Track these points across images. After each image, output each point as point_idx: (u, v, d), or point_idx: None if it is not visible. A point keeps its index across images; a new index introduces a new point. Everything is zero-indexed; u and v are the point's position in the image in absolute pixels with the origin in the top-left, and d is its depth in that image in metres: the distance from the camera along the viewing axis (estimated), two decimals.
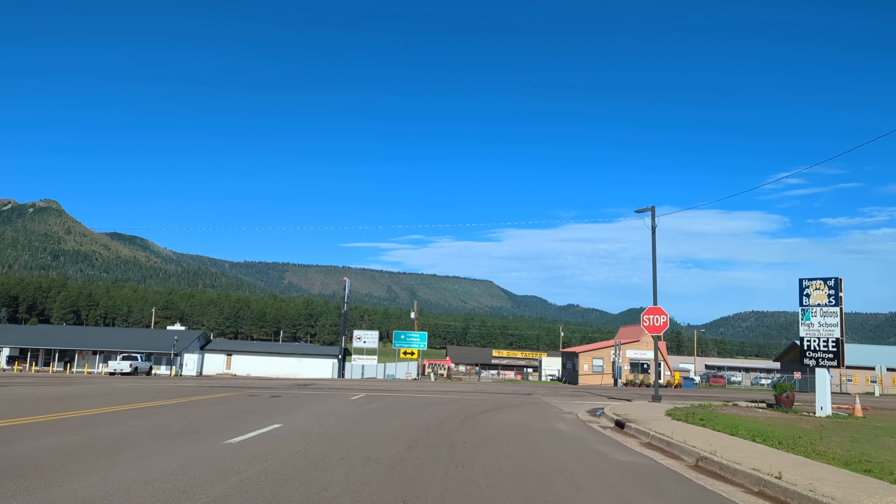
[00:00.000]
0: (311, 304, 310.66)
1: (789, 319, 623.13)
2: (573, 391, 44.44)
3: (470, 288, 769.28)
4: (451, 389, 41.09)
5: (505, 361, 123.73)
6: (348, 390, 34.59)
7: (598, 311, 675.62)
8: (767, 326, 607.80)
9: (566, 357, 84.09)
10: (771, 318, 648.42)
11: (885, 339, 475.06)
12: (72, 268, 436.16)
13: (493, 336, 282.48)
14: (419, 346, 65.10)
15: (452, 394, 34.71)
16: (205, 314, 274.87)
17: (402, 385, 45.72)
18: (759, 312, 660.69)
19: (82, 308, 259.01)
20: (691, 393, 50.80)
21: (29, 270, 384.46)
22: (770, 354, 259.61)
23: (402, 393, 33.45)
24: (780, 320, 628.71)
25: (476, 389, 41.75)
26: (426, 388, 40.44)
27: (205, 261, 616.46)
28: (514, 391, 40.43)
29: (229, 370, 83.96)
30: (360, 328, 66.50)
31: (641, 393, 44.57)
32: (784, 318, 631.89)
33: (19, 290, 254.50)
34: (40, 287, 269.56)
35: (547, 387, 56.85)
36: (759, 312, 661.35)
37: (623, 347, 77.09)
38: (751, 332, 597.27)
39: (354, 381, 53.00)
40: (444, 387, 45.52)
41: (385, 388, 38.05)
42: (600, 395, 39.35)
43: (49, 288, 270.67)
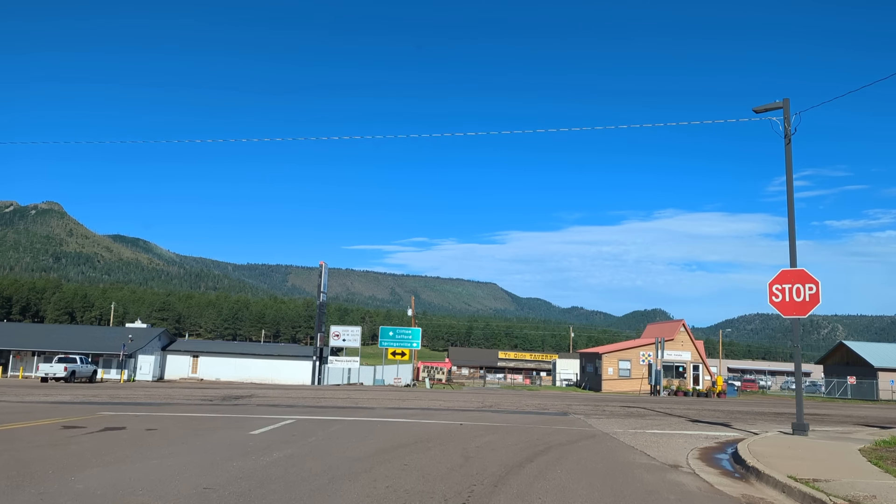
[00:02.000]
0: (312, 305, 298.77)
1: None
2: (617, 405, 31.68)
3: (473, 290, 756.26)
4: (446, 403, 28.38)
5: (512, 364, 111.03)
6: (286, 409, 22.07)
7: (602, 314, 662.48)
8: (773, 329, 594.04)
9: (586, 359, 71.29)
10: (776, 320, 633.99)
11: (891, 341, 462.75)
12: (73, 270, 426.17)
13: (498, 338, 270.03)
14: (411, 346, 52.56)
15: (445, 413, 22.04)
16: (203, 316, 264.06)
17: (380, 395, 33.17)
18: (764, 315, 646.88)
19: (77, 310, 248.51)
20: (752, 404, 37.98)
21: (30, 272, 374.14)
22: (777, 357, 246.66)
23: (366, 414, 20.79)
24: (784, 323, 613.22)
25: (481, 403, 28.99)
26: (410, 403, 27.78)
27: (208, 263, 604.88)
28: (537, 406, 27.72)
29: (195, 374, 71.38)
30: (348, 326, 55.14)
31: (710, 406, 31.79)
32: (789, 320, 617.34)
33: (13, 290, 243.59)
34: (34, 288, 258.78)
35: (571, 396, 44.05)
36: (763, 315, 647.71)
37: (654, 348, 64.25)
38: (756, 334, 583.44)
39: (323, 390, 40.39)
40: (439, 397, 32.93)
41: (348, 404, 25.52)
42: (662, 411, 26.65)
43: (44, 289, 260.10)
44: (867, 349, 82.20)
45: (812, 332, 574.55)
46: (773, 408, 32.86)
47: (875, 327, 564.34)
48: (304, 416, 18.86)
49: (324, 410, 21.41)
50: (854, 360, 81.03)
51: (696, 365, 64.07)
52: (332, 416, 19.33)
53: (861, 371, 77.32)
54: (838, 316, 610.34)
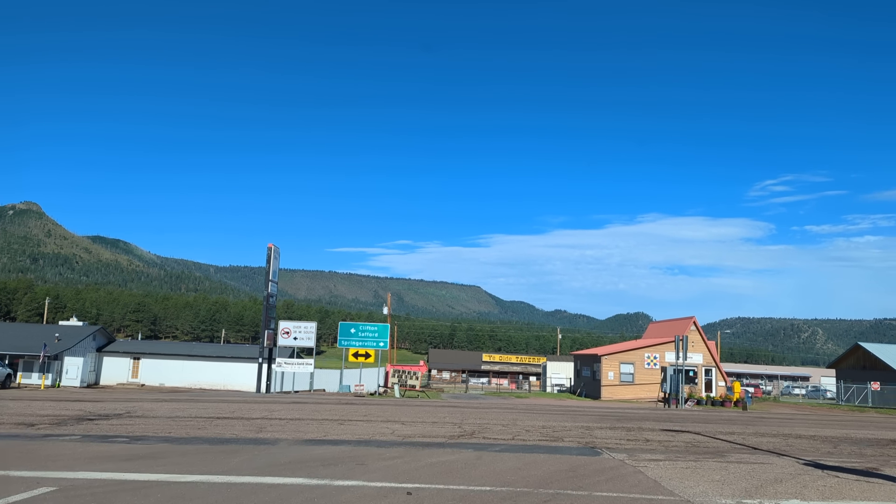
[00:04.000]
0: (292, 307, 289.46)
1: (775, 326, 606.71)
2: (652, 427, 22.53)
3: (457, 293, 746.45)
4: (404, 429, 19.12)
5: (497, 367, 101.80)
6: (124, 444, 12.78)
7: (585, 317, 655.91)
8: (753, 333, 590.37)
9: (581, 362, 62.13)
10: (757, 324, 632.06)
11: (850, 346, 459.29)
12: (51, 271, 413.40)
13: (482, 341, 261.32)
14: (377, 345, 43.02)
15: (393, 454, 12.79)
16: (179, 317, 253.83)
17: (317, 412, 23.77)
18: (745, 319, 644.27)
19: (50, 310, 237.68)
20: (804, 421, 28.99)
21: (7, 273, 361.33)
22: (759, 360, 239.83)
23: (246, 460, 11.48)
24: (765, 327, 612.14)
25: (459, 427, 19.75)
26: (348, 428, 18.42)
27: (189, 265, 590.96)
28: (543, 433, 18.52)
29: (136, 378, 61.60)
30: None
31: (766, 429, 22.73)
32: (770, 324, 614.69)
33: None
34: (5, 288, 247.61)
35: (576, 409, 34.86)
36: (744, 319, 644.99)
37: (662, 350, 55.32)
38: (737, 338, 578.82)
39: (249, 402, 30.96)
40: (402, 415, 23.62)
41: (246, 431, 16.21)
42: (724, 438, 17.53)
43: (15, 289, 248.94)
44: (887, 351, 73.81)
45: (793, 335, 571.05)
46: (865, 429, 23.84)
47: (854, 331, 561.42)
48: (97, 471, 9.55)
49: (178, 449, 12.16)
50: (871, 363, 72.60)
51: (708, 369, 55.16)
52: (156, 471, 9.99)
53: (880, 376, 68.90)
54: (818, 320, 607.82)
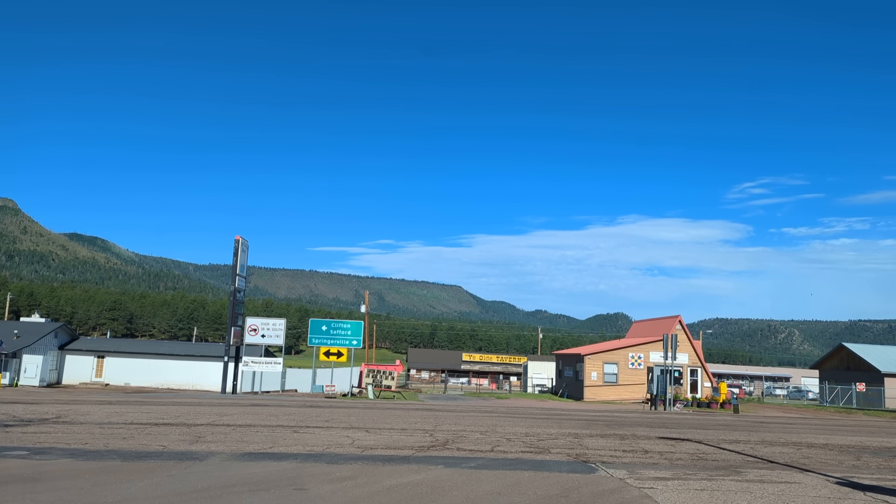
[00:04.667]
0: (271, 305, 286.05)
1: (752, 327, 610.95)
2: (646, 434, 20.37)
3: (439, 293, 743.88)
4: (367, 438, 16.70)
5: (477, 367, 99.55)
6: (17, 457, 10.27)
7: (565, 318, 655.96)
8: (731, 334, 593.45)
9: (563, 361, 59.99)
10: (734, 325, 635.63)
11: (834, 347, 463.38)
12: (27, 268, 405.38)
13: (462, 340, 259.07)
14: (349, 344, 40.46)
15: (345, 472, 10.41)
16: (156, 316, 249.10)
17: (273, 416, 21.28)
18: (723, 319, 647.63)
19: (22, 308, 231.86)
20: (806, 426, 27.01)
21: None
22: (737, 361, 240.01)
23: (152, 484, 9.00)
24: (743, 327, 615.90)
25: (431, 436, 17.45)
26: (301, 436, 15.96)
27: (168, 263, 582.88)
28: (526, 442, 16.26)
29: (100, 378, 58.61)
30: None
31: (771, 437, 20.67)
32: (747, 325, 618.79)
33: None
34: None
35: (560, 413, 32.72)
36: (722, 319, 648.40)
37: (646, 349, 53.32)
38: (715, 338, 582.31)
39: (210, 403, 28.41)
40: (368, 420, 21.23)
41: (178, 442, 13.78)
42: (730, 448, 15.38)
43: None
44: (871, 352, 72.53)
45: (770, 336, 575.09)
46: (876, 436, 21.81)
47: (829, 332, 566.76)
48: None
49: (78, 467, 9.75)
50: (856, 364, 71.29)
51: (693, 369, 53.27)
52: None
53: (864, 377, 67.58)
54: (794, 321, 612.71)
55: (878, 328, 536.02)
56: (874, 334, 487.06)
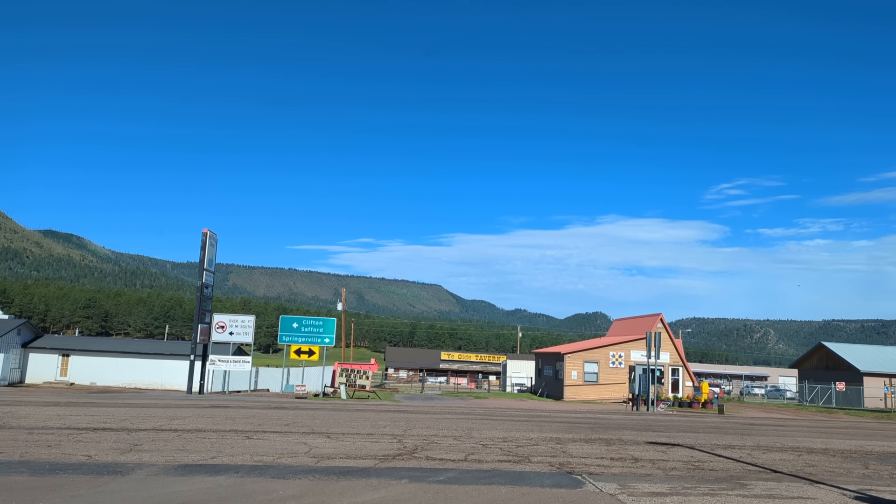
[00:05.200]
0: (249, 303, 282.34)
1: (729, 326, 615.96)
2: (634, 438, 18.97)
3: (419, 292, 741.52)
4: (327, 445, 15.07)
5: (456, 366, 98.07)
6: None
7: (544, 317, 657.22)
8: (708, 333, 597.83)
9: (543, 360, 58.65)
10: (711, 324, 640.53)
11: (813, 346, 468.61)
12: (0, 265, 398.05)
13: (442, 339, 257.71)
14: (321, 342, 38.67)
15: (291, 491, 8.83)
16: (132, 314, 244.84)
17: (228, 420, 19.55)
18: (700, 319, 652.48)
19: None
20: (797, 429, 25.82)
21: None
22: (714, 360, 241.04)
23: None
24: (720, 327, 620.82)
25: (399, 443, 15.89)
26: (251, 445, 14.34)
27: (145, 261, 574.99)
28: (503, 448, 14.77)
29: (65, 377, 56.32)
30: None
31: (767, 441, 19.37)
32: (724, 324, 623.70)
33: None
34: None
35: (539, 414, 31.26)
36: (699, 319, 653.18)
37: (627, 348, 52.13)
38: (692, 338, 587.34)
39: (166, 405, 26.57)
40: (334, 423, 19.57)
41: (112, 452, 12.06)
42: (733, 456, 13.94)
43: None
44: (850, 352, 72.12)
45: (745, 335, 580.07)
46: (872, 439, 20.56)
47: (804, 332, 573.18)
48: None
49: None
50: (835, 363, 70.85)
51: (675, 368, 52.18)
52: None
53: (843, 376, 67.11)
54: (770, 321, 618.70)
55: (851, 328, 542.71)
56: (847, 334, 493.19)
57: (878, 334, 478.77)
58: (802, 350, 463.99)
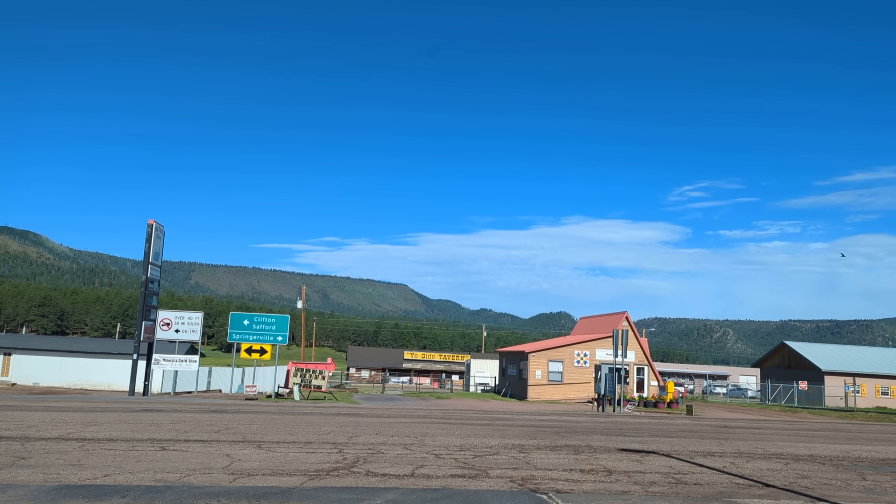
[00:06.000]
0: (211, 302, 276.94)
1: (689, 326, 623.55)
2: (606, 445, 17.33)
3: (384, 291, 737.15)
4: (249, 460, 13.12)
5: (420, 366, 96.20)
6: None
7: (510, 316, 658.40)
8: (670, 333, 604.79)
9: (507, 359, 57.12)
10: (672, 324, 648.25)
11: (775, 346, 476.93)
12: None
13: (407, 338, 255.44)
14: (274, 340, 36.50)
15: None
16: (89, 313, 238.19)
17: (134, 426, 17.61)
18: (662, 319, 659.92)
19: None
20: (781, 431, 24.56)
21: None
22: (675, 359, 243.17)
23: None
24: (681, 327, 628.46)
25: (339, 454, 14.00)
26: (136, 467, 12.47)
27: (104, 258, 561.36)
28: (458, 458, 13.05)
29: (6, 377, 53.28)
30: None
31: (762, 447, 17.91)
32: (685, 324, 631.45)
33: None
34: None
35: (502, 416, 29.57)
36: (661, 319, 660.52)
37: (592, 347, 50.83)
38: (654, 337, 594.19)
39: (92, 408, 24.23)
40: (271, 429, 17.48)
41: None
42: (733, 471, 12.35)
43: None
44: (812, 351, 72.11)
45: (705, 335, 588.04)
46: (854, 443, 19.21)
47: (762, 332, 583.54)
48: None
49: None
50: (797, 362, 70.78)
51: (640, 367, 51.04)
52: None
53: (805, 375, 67.00)
54: (729, 321, 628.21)
55: (806, 328, 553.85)
56: (803, 334, 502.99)
57: (833, 334, 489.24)
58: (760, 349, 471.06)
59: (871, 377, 66.35)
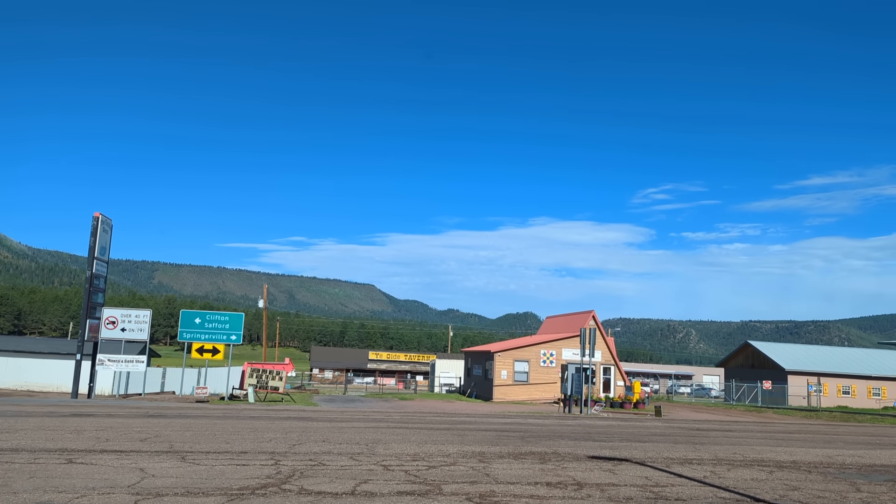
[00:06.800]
0: (173, 302, 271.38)
1: (653, 326, 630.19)
2: (574, 451, 15.98)
3: (351, 291, 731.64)
4: (154, 476, 11.53)
5: (384, 366, 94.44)
6: None
7: (477, 316, 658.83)
8: (634, 333, 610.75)
9: (472, 359, 55.78)
10: (636, 324, 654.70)
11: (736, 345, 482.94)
12: None
13: (373, 339, 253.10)
14: (226, 339, 34.58)
15: None
16: (47, 312, 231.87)
17: (59, 439, 15.82)
18: (626, 319, 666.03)
19: None
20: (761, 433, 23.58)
21: None
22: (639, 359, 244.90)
23: None
24: (644, 327, 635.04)
25: (268, 471, 12.42)
26: (28, 485, 10.78)
27: (65, 257, 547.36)
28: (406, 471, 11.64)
29: None
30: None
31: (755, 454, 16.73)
32: (648, 324, 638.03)
33: None
34: None
35: (464, 419, 28.18)
36: (626, 319, 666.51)
37: (559, 346, 49.76)
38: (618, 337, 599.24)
39: (17, 413, 22.47)
40: (201, 436, 15.87)
41: None
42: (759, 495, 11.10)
43: None
44: (776, 350, 72.14)
45: (668, 336, 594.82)
46: (833, 446, 18.17)
47: (723, 332, 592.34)
48: None
49: None
50: (761, 362, 70.75)
51: (606, 367, 50.13)
52: None
53: (769, 374, 66.94)
54: (692, 321, 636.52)
55: (766, 328, 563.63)
56: (763, 334, 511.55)
57: (791, 335, 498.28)
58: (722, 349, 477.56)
59: (833, 377, 66.51)
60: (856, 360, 71.49)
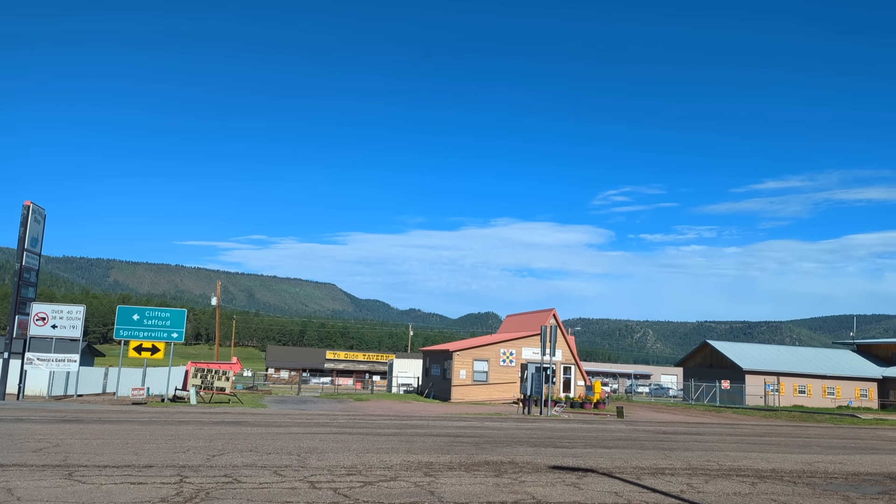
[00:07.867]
0: (128, 300, 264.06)
1: (611, 326, 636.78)
2: (533, 460, 14.43)
3: (312, 291, 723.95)
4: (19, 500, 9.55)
5: (342, 366, 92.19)
6: None
7: (438, 316, 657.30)
8: (593, 333, 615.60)
9: (431, 359, 54.11)
10: (596, 324, 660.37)
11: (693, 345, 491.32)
12: None
13: (334, 338, 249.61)
14: (167, 337, 32.31)
15: None
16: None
17: None
18: (586, 319, 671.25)
19: None
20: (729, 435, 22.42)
21: None
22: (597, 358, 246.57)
23: None
24: (603, 327, 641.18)
25: (168, 491, 10.53)
26: None
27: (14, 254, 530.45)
28: (332, 494, 9.88)
29: None
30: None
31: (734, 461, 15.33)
32: (607, 325, 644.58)
33: None
34: None
35: (416, 422, 26.46)
36: (585, 319, 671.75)
37: (519, 345, 48.40)
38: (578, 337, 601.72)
39: None
40: (109, 445, 13.86)
41: None
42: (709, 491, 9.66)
43: None
44: (734, 350, 72.10)
45: (626, 335, 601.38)
46: (809, 451, 16.95)
47: (680, 332, 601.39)
48: None
49: None
50: (719, 361, 70.63)
51: (567, 366, 48.96)
52: None
53: (727, 374, 66.78)
54: (649, 321, 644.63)
55: (721, 329, 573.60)
56: (718, 334, 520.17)
57: (745, 335, 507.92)
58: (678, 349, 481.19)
59: (790, 376, 66.57)
60: (810, 359, 71.81)
